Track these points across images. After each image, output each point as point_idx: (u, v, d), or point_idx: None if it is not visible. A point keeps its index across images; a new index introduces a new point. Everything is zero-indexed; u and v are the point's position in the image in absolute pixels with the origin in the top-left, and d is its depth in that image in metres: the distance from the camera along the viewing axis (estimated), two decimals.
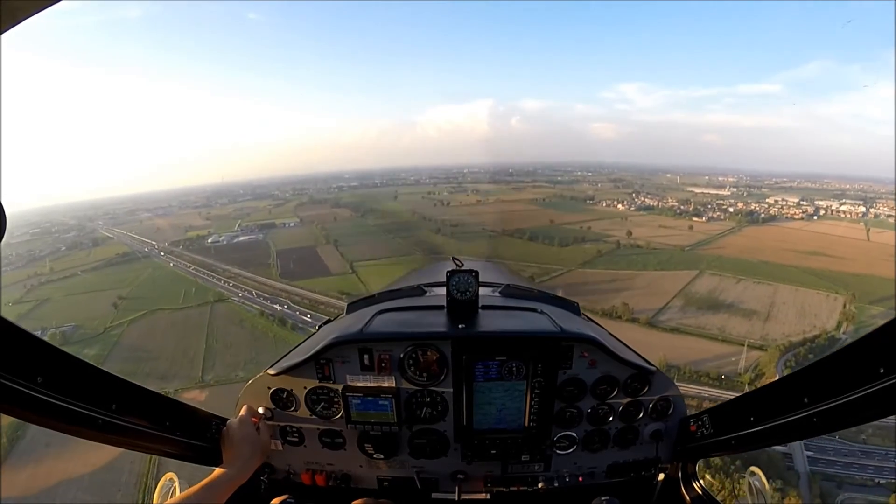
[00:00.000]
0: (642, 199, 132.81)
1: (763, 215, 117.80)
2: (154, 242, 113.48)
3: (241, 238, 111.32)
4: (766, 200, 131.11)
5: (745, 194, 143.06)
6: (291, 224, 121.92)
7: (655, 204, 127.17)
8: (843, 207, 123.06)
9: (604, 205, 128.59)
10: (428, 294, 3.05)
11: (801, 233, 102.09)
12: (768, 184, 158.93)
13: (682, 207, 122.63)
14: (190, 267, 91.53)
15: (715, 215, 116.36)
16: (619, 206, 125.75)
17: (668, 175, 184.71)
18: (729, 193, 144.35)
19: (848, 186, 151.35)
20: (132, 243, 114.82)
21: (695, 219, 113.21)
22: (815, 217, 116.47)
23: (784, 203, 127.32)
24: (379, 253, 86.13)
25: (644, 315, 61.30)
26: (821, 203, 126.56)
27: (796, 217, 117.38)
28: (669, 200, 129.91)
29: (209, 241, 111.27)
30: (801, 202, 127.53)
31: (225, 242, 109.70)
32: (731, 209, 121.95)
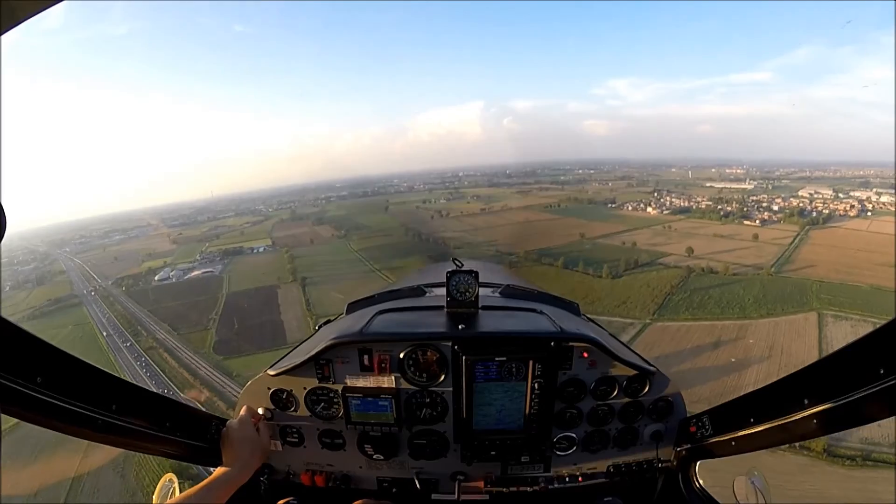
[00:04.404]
0: (669, 199, 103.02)
1: (814, 213, 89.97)
2: (99, 280, 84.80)
3: (196, 273, 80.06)
4: (800, 194, 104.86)
5: (770, 188, 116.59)
6: (261, 249, 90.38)
7: (688, 205, 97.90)
8: (884, 199, 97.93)
9: (629, 208, 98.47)
10: (428, 295, 2.74)
11: (871, 236, 76.08)
12: (779, 174, 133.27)
13: (720, 207, 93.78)
14: (110, 322, 61.56)
15: (765, 216, 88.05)
16: (650, 210, 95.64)
17: (674, 169, 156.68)
18: (752, 187, 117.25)
19: (861, 173, 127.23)
20: (78, 281, 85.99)
21: (746, 222, 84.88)
22: (869, 213, 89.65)
23: (819, 196, 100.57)
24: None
25: (816, 444, 31.93)
26: (857, 195, 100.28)
27: (851, 215, 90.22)
28: (700, 200, 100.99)
29: (157, 277, 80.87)
30: (839, 195, 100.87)
31: (174, 280, 78.69)
32: (774, 207, 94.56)
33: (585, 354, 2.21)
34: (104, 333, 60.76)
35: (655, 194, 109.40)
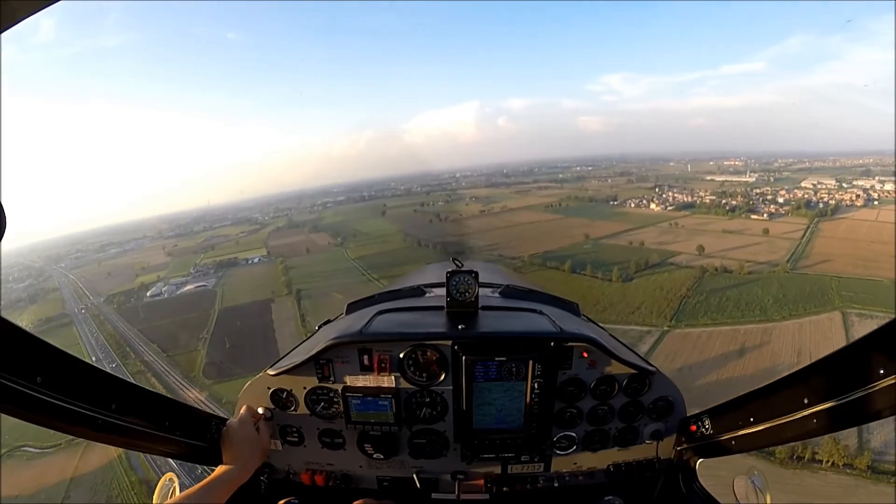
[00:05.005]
0: (672, 195, 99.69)
1: (821, 204, 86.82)
2: (91, 297, 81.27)
3: (188, 287, 76.51)
4: (803, 185, 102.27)
5: (771, 180, 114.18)
6: (256, 260, 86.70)
7: (691, 200, 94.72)
8: (888, 187, 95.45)
9: (632, 205, 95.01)
10: (428, 295, 2.72)
11: (882, 226, 73.25)
12: (778, 166, 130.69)
13: (725, 202, 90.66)
14: (98, 343, 58.52)
15: (772, 209, 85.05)
16: (653, 206, 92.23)
17: (672, 163, 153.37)
18: (753, 180, 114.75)
19: (861, 162, 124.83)
20: (70, 299, 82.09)
21: (753, 216, 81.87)
22: (876, 202, 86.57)
23: (823, 186, 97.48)
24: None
25: (860, 461, 28.81)
26: (860, 184, 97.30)
27: (858, 204, 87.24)
28: (703, 194, 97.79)
29: (149, 293, 77.40)
30: (843, 185, 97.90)
31: (166, 295, 75.21)
32: (780, 199, 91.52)
33: (585, 354, 2.18)
34: (93, 358, 57.55)
35: (657, 190, 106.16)
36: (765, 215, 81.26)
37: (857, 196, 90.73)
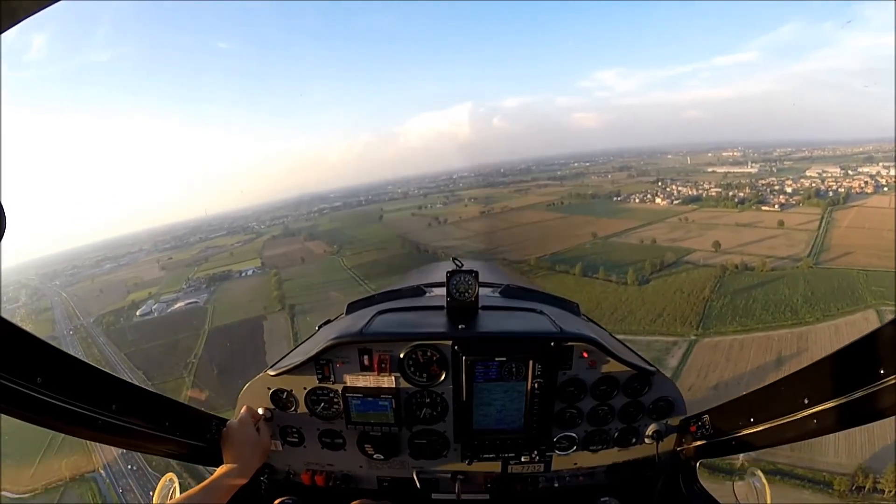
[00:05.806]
0: (676, 188, 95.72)
1: (831, 193, 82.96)
2: (81, 317, 77.29)
3: (179, 304, 72.13)
4: (808, 174, 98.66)
5: (774, 170, 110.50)
6: (249, 272, 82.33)
7: (696, 193, 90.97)
8: (893, 172, 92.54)
9: (636, 200, 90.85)
10: (428, 294, 2.69)
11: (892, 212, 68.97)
12: (778, 155, 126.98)
13: (732, 194, 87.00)
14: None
15: (782, 200, 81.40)
16: (659, 200, 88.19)
17: (670, 156, 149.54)
18: (756, 171, 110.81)
19: (861, 149, 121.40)
20: (61, 319, 77.69)
21: (764, 208, 77.95)
22: (885, 189, 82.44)
23: (829, 175, 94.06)
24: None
25: None
26: (865, 170, 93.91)
27: (868, 191, 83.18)
28: (707, 187, 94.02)
29: (139, 312, 73.15)
30: (848, 172, 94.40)
31: (156, 314, 70.91)
32: (787, 189, 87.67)
33: (585, 354, 2.16)
34: None
35: (660, 184, 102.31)
36: (776, 206, 77.68)
37: (866, 183, 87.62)
